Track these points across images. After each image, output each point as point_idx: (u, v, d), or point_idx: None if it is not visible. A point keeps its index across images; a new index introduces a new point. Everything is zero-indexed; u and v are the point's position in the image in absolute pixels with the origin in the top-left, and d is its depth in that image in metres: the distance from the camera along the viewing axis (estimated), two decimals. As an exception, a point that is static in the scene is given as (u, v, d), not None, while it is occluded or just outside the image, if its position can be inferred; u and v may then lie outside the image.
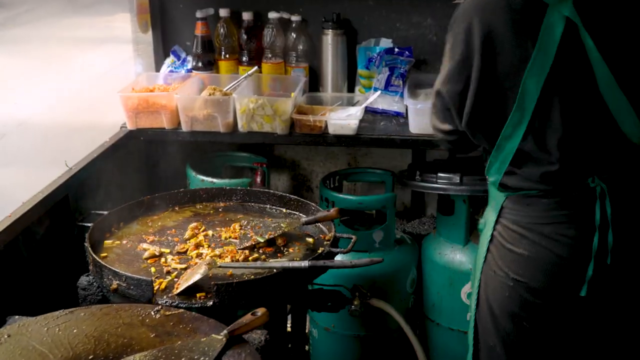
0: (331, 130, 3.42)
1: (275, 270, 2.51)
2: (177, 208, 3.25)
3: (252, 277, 2.53)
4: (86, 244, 2.71)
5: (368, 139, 3.42)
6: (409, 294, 3.81)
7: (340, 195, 3.62)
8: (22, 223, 2.59)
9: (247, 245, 2.81)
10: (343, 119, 3.40)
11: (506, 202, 2.36)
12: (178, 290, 2.46)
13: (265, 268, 2.53)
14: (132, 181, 3.31)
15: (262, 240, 2.82)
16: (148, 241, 2.90)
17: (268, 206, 3.26)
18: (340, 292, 2.98)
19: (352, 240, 2.73)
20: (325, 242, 2.88)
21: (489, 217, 2.51)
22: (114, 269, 2.51)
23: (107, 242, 2.87)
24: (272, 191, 3.26)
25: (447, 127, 2.42)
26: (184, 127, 3.53)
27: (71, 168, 3.02)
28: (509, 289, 2.35)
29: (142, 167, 3.49)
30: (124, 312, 2.22)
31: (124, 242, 2.90)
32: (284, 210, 3.22)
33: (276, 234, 2.85)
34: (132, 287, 2.47)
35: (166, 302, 2.43)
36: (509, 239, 2.35)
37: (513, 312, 2.42)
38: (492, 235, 2.39)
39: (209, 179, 3.66)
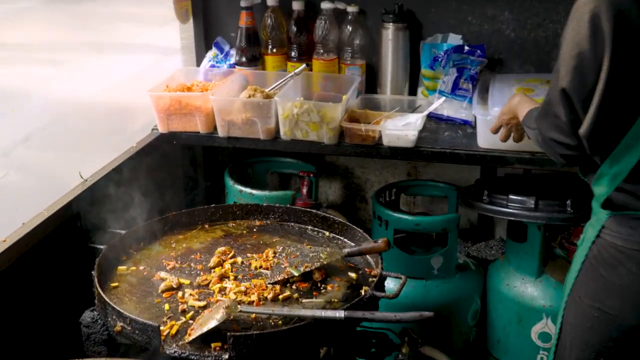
0: (386, 141, 3.00)
1: (304, 321, 2.12)
2: (206, 226, 2.91)
3: (276, 327, 2.15)
4: (93, 273, 2.38)
5: (428, 152, 2.99)
6: (470, 327, 3.39)
7: (395, 215, 3.20)
8: (18, 249, 2.29)
9: (279, 279, 2.44)
10: (400, 129, 2.97)
11: (609, 221, 2.09)
12: (190, 338, 2.11)
13: (293, 316, 2.14)
14: (161, 193, 2.96)
15: (296, 275, 2.44)
16: (168, 267, 2.57)
17: (309, 228, 2.88)
18: (387, 336, 2.58)
19: (401, 282, 2.33)
20: (370, 279, 2.47)
21: (587, 233, 2.18)
22: (118, 308, 2.18)
23: (121, 268, 2.55)
24: (314, 211, 2.87)
25: (568, 140, 2.06)
26: (221, 133, 3.17)
27: (86, 180, 2.69)
28: (592, 320, 2.13)
29: (173, 177, 3.15)
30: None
31: (141, 267, 2.57)
32: (327, 233, 2.83)
33: (313, 267, 2.46)
34: (137, 332, 2.14)
35: (175, 351, 2.07)
36: (603, 263, 2.11)
37: (593, 346, 2.15)
38: (586, 255, 2.16)
39: (248, 190, 3.30)
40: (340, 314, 2.09)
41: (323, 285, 2.45)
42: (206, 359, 2.07)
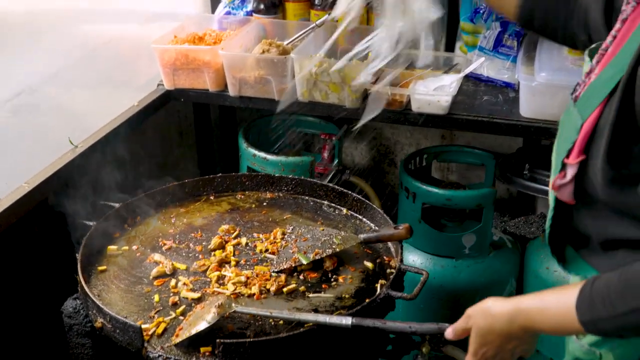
0: (415, 106, 2.68)
1: (304, 326, 1.87)
2: (212, 198, 2.65)
3: (276, 330, 1.94)
4: (77, 256, 2.15)
5: (463, 120, 2.67)
6: (503, 311, 3.09)
7: (424, 187, 2.91)
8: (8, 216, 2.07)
9: (285, 267, 2.18)
10: (431, 93, 2.65)
11: None
12: (177, 340, 1.88)
13: (294, 320, 1.89)
14: (166, 159, 2.71)
15: (304, 262, 2.18)
16: (164, 248, 2.33)
17: (325, 203, 2.60)
18: (407, 334, 2.31)
19: (422, 280, 2.05)
20: (388, 270, 2.20)
21: None
22: (98, 302, 1.96)
23: (112, 247, 2.32)
24: (331, 185, 2.60)
25: None
26: (231, 91, 2.88)
27: (76, 147, 2.44)
28: None
29: (181, 139, 2.87)
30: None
31: (134, 247, 2.34)
32: (344, 210, 2.55)
33: (324, 255, 2.20)
34: (118, 332, 1.91)
35: (159, 355, 1.85)
36: None
37: None
38: None
39: (262, 154, 3.03)
40: (347, 320, 1.83)
41: (334, 276, 2.20)
42: (193, 367, 1.83)
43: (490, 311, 1.58)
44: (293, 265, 2.20)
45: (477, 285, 3.00)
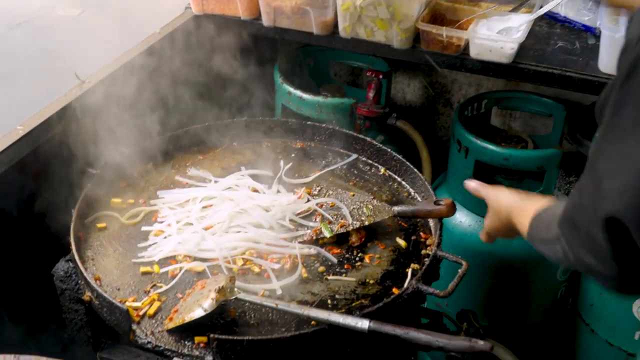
0: (474, 52, 2.33)
1: (312, 327, 1.62)
2: (235, 144, 2.38)
3: (283, 322, 1.69)
4: (73, 211, 1.93)
5: (530, 71, 2.31)
6: (559, 283, 2.82)
7: (478, 142, 2.57)
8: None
9: (306, 239, 1.92)
10: (494, 38, 2.28)
11: None
12: (171, 325, 1.66)
13: (302, 316, 1.64)
14: (189, 97, 2.43)
15: (327, 236, 1.92)
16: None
17: (362, 159, 2.31)
18: (440, 318, 2.06)
19: (460, 273, 1.77)
20: (423, 251, 1.92)
21: None
22: (85, 275, 1.74)
23: (116, 200, 2.09)
24: (368, 140, 2.31)
25: (610, 271, 1.29)
26: (265, 21, 2.57)
27: (83, 82, 2.18)
28: None
29: (210, 73, 2.58)
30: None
31: (141, 201, 2.11)
32: (382, 170, 2.27)
33: (350, 228, 1.93)
34: (105, 310, 1.70)
35: (148, 342, 1.64)
36: None
37: None
38: None
39: (298, 93, 2.74)
40: (363, 324, 1.58)
41: (360, 254, 1.93)
42: (184, 359, 1.62)
43: (498, 198, 1.82)
44: (314, 237, 1.94)
45: (532, 255, 2.67)
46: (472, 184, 1.94)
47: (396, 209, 1.99)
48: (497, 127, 3.00)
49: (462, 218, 2.76)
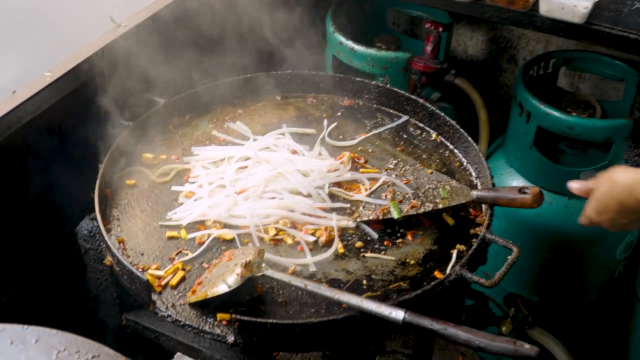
0: (544, 8, 2.13)
1: (343, 310, 1.50)
2: (278, 98, 2.24)
3: (312, 302, 1.57)
4: (100, 167, 1.83)
5: (604, 34, 2.11)
6: (618, 262, 2.65)
7: (541, 107, 2.38)
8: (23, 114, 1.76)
9: (371, 217, 1.79)
10: (568, -5, 2.05)
11: None
12: (193, 299, 1.56)
13: (331, 299, 1.51)
14: (230, 44, 2.27)
15: (396, 217, 1.77)
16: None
17: (413, 122, 2.14)
18: (485, 302, 1.92)
19: (510, 260, 1.61)
20: (471, 230, 1.77)
21: None
22: (107, 238, 1.64)
23: (147, 155, 1.97)
24: (421, 102, 2.14)
25: None
26: (317, -35, 2.37)
27: (119, 25, 2.05)
28: None
29: (257, 14, 2.42)
30: None
31: (173, 156, 1.99)
32: (434, 135, 2.11)
33: (422, 210, 1.78)
34: (125, 278, 1.61)
35: (169, 315, 1.54)
36: None
37: None
38: None
39: (350, 44, 2.56)
40: (398, 314, 1.44)
41: (402, 230, 1.78)
42: (205, 336, 1.52)
43: (613, 177, 1.55)
44: (380, 217, 1.79)
45: (591, 231, 2.50)
46: (575, 185, 1.69)
47: (475, 193, 1.80)
48: (564, 89, 2.78)
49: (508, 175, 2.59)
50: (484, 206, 1.83)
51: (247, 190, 1.84)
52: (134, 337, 1.83)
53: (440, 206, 1.79)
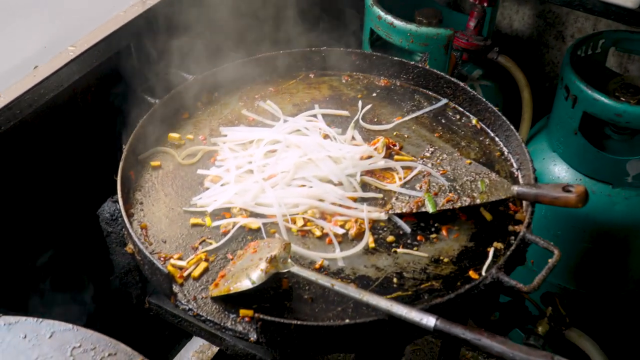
0: (598, -9, 1.96)
1: (372, 312, 1.43)
2: (311, 76, 2.16)
3: (339, 300, 1.50)
4: (124, 147, 1.77)
5: (660, 19, 1.93)
6: (662, 253, 2.51)
7: (589, 92, 2.25)
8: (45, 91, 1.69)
9: (405, 210, 1.71)
10: (625, -24, 1.91)
11: None
12: (215, 293, 1.50)
13: (359, 301, 1.44)
14: (267, 17, 2.19)
15: (431, 211, 1.69)
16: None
17: (452, 106, 2.04)
18: (522, 300, 1.83)
19: (549, 264, 1.52)
20: (510, 227, 1.67)
21: None
22: (128, 226, 1.58)
23: (173, 135, 1.91)
24: (462, 85, 2.04)
25: None
26: None
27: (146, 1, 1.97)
28: None
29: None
30: None
31: (200, 137, 1.92)
32: (474, 120, 2.01)
33: (458, 204, 1.70)
34: (146, 268, 1.55)
35: (190, 309, 1.48)
36: None
37: None
38: None
39: (389, 18, 2.44)
40: (429, 320, 1.37)
41: (437, 224, 1.70)
42: (226, 333, 1.47)
43: None
44: (414, 210, 1.70)
45: (636, 223, 2.41)
46: None
47: (516, 189, 1.70)
48: (612, 71, 2.63)
49: (562, 173, 2.48)
50: (524, 202, 1.73)
51: (276, 176, 1.77)
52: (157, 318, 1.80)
53: (478, 201, 1.70)
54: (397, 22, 2.44)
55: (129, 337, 1.36)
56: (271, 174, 1.77)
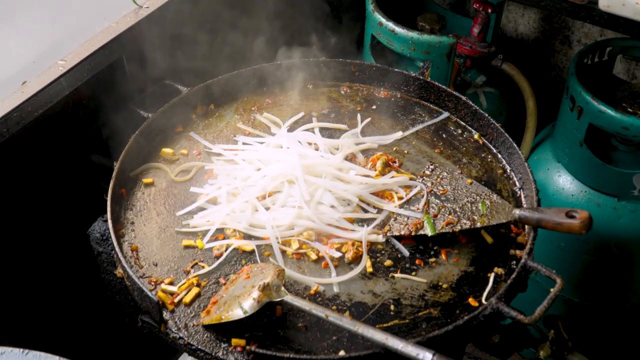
0: (604, 3, 1.96)
1: (366, 350, 1.38)
2: (310, 87, 2.10)
3: (334, 330, 1.46)
4: (116, 163, 1.73)
5: (669, 32, 1.88)
6: (667, 267, 2.46)
7: (595, 104, 2.20)
8: (33, 108, 1.66)
9: (403, 233, 1.67)
10: (633, -12, 1.86)
11: None
12: (206, 321, 1.46)
13: (354, 333, 1.40)
14: (260, 27, 2.14)
15: (430, 234, 1.65)
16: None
17: (454, 119, 1.99)
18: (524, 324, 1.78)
19: (551, 294, 1.47)
20: (512, 251, 1.63)
21: None
22: (117, 250, 1.54)
23: (167, 150, 1.86)
24: (463, 99, 2.00)
25: None
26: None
27: (141, 7, 1.92)
28: None
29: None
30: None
31: (194, 152, 1.87)
32: (475, 135, 1.95)
33: (458, 228, 1.65)
34: (136, 294, 1.52)
35: (180, 337, 1.45)
36: None
37: None
38: None
39: (390, 25, 2.38)
40: (425, 356, 1.32)
41: (435, 247, 1.65)
42: (218, 362, 1.43)
43: None
44: (413, 233, 1.66)
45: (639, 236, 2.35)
46: None
47: (518, 212, 1.64)
48: (619, 78, 2.58)
49: (566, 185, 2.43)
50: (526, 225, 1.68)
51: (271, 195, 1.72)
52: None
53: (479, 224, 1.65)
54: (399, 30, 2.38)
55: (123, 354, 1.33)
56: (264, 193, 1.73)
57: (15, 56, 1.74)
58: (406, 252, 1.64)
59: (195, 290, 1.55)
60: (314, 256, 1.63)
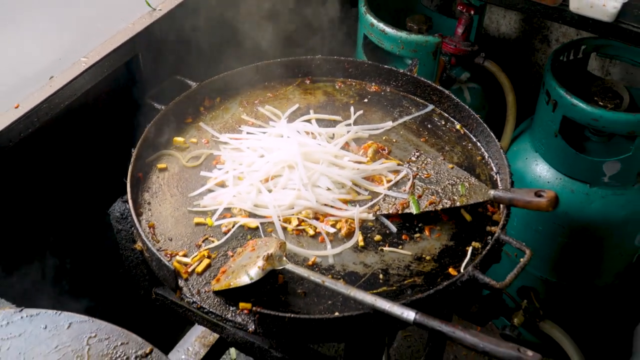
0: (574, 5, 2.13)
1: (358, 311, 1.57)
2: (307, 82, 2.28)
3: (330, 295, 1.64)
4: (133, 151, 1.91)
5: (632, 32, 2.11)
6: (636, 248, 2.67)
7: (567, 97, 2.39)
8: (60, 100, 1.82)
9: (391, 211, 1.85)
10: (598, -7, 2.05)
11: None
12: (217, 287, 1.64)
13: (347, 296, 1.58)
14: (262, 29, 2.32)
15: (415, 212, 1.83)
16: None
17: (438, 112, 2.17)
18: (499, 294, 1.97)
19: (520, 264, 1.66)
20: (488, 228, 1.82)
21: None
22: (137, 224, 1.72)
23: (178, 139, 2.04)
24: (447, 92, 2.17)
25: None
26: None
27: (154, 9, 2.10)
28: None
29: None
30: None
31: (204, 140, 2.05)
32: (457, 126, 2.14)
33: (440, 207, 1.84)
34: (154, 264, 1.70)
35: (194, 302, 1.63)
36: None
37: None
38: None
39: (381, 26, 2.57)
40: (409, 314, 1.51)
41: (420, 224, 1.84)
42: (226, 324, 1.61)
43: None
44: (400, 212, 1.85)
45: (611, 220, 2.55)
46: None
47: (493, 193, 1.84)
48: (593, 74, 2.77)
49: (543, 172, 2.62)
50: (501, 205, 1.87)
51: (273, 179, 1.91)
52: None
53: (458, 204, 1.84)
54: (389, 30, 2.57)
55: (137, 325, 1.51)
56: (267, 177, 1.91)
57: (43, 54, 1.91)
58: (394, 229, 1.83)
59: (206, 261, 1.73)
60: (311, 232, 1.81)
